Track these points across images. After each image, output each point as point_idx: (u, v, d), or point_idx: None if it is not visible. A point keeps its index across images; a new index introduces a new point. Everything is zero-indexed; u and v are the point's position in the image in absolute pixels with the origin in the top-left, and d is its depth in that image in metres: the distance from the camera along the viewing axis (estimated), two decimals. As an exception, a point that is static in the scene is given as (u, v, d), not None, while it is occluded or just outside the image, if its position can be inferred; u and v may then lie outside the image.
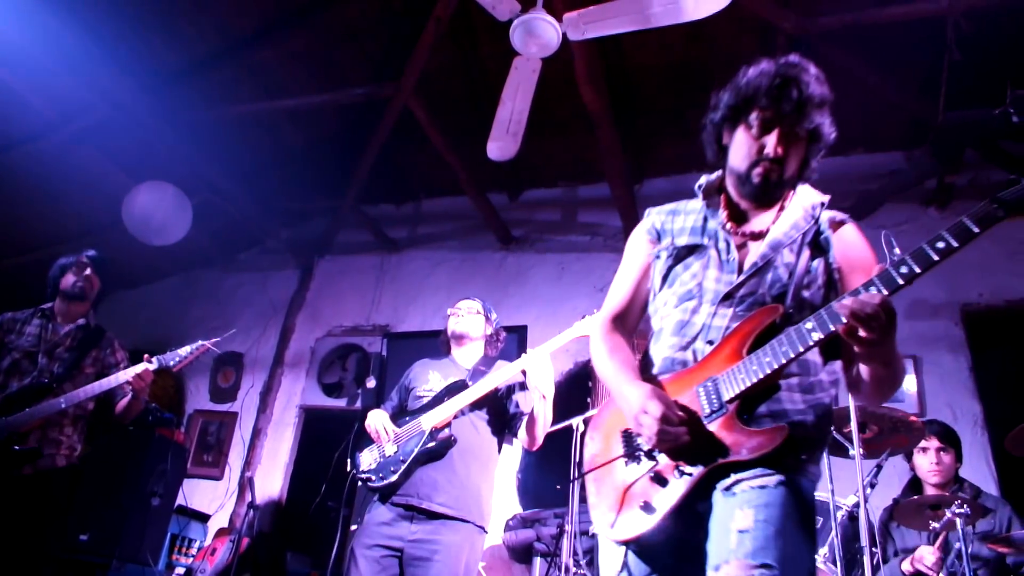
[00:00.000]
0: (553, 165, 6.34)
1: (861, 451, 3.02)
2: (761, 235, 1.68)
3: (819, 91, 1.61)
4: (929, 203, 5.18)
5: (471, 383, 2.98)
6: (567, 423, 3.84)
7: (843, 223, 1.67)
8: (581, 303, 5.40)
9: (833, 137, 1.66)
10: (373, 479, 2.92)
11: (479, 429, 3.03)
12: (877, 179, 5.22)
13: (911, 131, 5.26)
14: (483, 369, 3.11)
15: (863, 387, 1.55)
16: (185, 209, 5.57)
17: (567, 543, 3.67)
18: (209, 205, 6.07)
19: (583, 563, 3.76)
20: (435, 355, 3.32)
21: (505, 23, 3.57)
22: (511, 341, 4.95)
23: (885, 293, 1.37)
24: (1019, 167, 1.39)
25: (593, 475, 1.74)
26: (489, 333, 3.28)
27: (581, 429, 3.80)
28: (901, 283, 1.37)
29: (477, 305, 3.30)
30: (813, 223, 1.66)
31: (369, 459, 3.00)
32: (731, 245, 1.68)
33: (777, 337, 1.49)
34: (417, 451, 2.88)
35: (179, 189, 5.51)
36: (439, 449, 2.89)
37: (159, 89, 5.20)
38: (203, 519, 5.88)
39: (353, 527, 4.12)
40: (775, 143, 1.61)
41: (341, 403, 6.34)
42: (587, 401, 5.02)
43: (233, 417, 6.61)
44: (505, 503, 4.95)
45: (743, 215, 1.73)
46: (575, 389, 5.29)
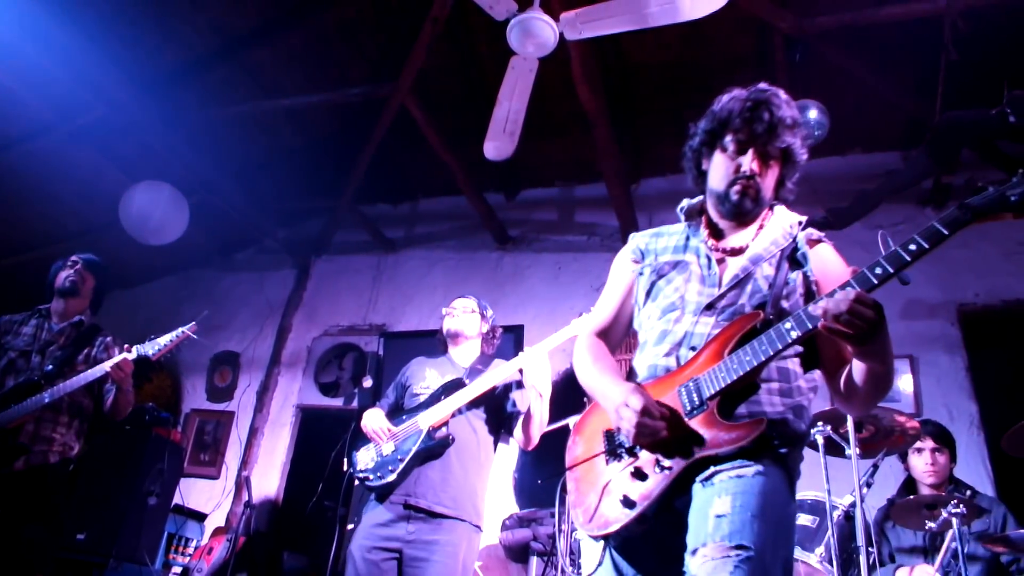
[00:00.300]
0: (550, 165, 6.34)
1: (857, 451, 3.03)
2: (741, 251, 1.75)
3: (789, 113, 1.72)
4: (926, 203, 5.18)
5: (468, 381, 2.98)
6: (563, 422, 3.82)
7: (819, 241, 1.74)
8: (578, 302, 5.40)
9: (805, 158, 1.76)
10: (371, 478, 2.92)
11: (476, 428, 3.03)
12: (874, 179, 5.22)
13: (908, 131, 5.26)
14: (480, 368, 3.11)
15: (854, 391, 1.56)
16: (182, 208, 5.56)
17: (562, 542, 3.67)
18: (206, 204, 6.05)
19: (578, 562, 3.75)
20: (432, 353, 3.32)
21: (502, 23, 3.58)
22: (508, 341, 4.95)
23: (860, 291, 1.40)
24: (1016, 167, 1.39)
25: (574, 474, 1.79)
26: (485, 331, 3.28)
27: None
28: (876, 283, 1.41)
29: (472, 303, 3.30)
30: (791, 240, 1.74)
31: (366, 458, 2.99)
32: (712, 260, 1.76)
33: (757, 338, 1.54)
34: (415, 450, 2.88)
35: (176, 188, 5.50)
36: (437, 448, 2.89)
37: (156, 88, 5.20)
38: (200, 518, 5.88)
39: (350, 526, 4.12)
40: (750, 161, 1.71)
41: (338, 402, 6.33)
42: (583, 401, 4.99)
43: (230, 416, 6.60)
44: (501, 502, 4.95)
45: (723, 233, 1.81)
46: (571, 388, 5.24)
